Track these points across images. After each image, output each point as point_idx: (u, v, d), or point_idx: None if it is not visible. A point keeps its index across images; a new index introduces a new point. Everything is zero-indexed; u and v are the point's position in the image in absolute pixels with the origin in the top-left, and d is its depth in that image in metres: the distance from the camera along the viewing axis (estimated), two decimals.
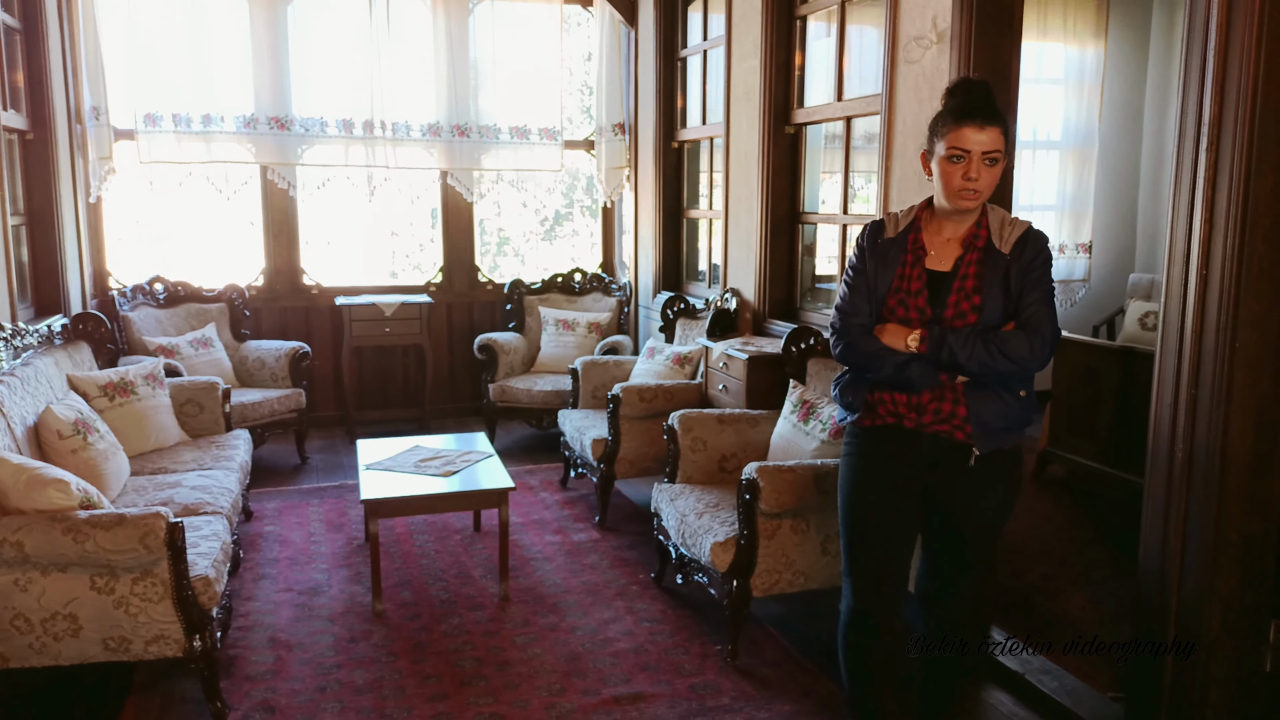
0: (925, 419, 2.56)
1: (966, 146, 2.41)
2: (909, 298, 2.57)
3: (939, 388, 2.54)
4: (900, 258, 2.60)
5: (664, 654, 3.62)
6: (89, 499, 3.09)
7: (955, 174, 2.45)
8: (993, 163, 2.43)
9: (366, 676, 3.45)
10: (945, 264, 2.57)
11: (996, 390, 2.53)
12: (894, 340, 2.55)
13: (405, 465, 4.35)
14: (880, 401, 2.61)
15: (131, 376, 4.64)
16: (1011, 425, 2.57)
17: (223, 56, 6.39)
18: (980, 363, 2.46)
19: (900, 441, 2.61)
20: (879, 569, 2.69)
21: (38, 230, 5.43)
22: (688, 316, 5.76)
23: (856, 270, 2.66)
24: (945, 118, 2.47)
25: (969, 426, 2.53)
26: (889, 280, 2.60)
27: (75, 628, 2.95)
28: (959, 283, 2.54)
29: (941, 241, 2.60)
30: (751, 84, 5.10)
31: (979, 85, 2.49)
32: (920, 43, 3.69)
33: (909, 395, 2.56)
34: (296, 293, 6.92)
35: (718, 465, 4.16)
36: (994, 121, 2.42)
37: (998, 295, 2.51)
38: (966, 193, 2.45)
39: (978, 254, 2.54)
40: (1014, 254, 2.51)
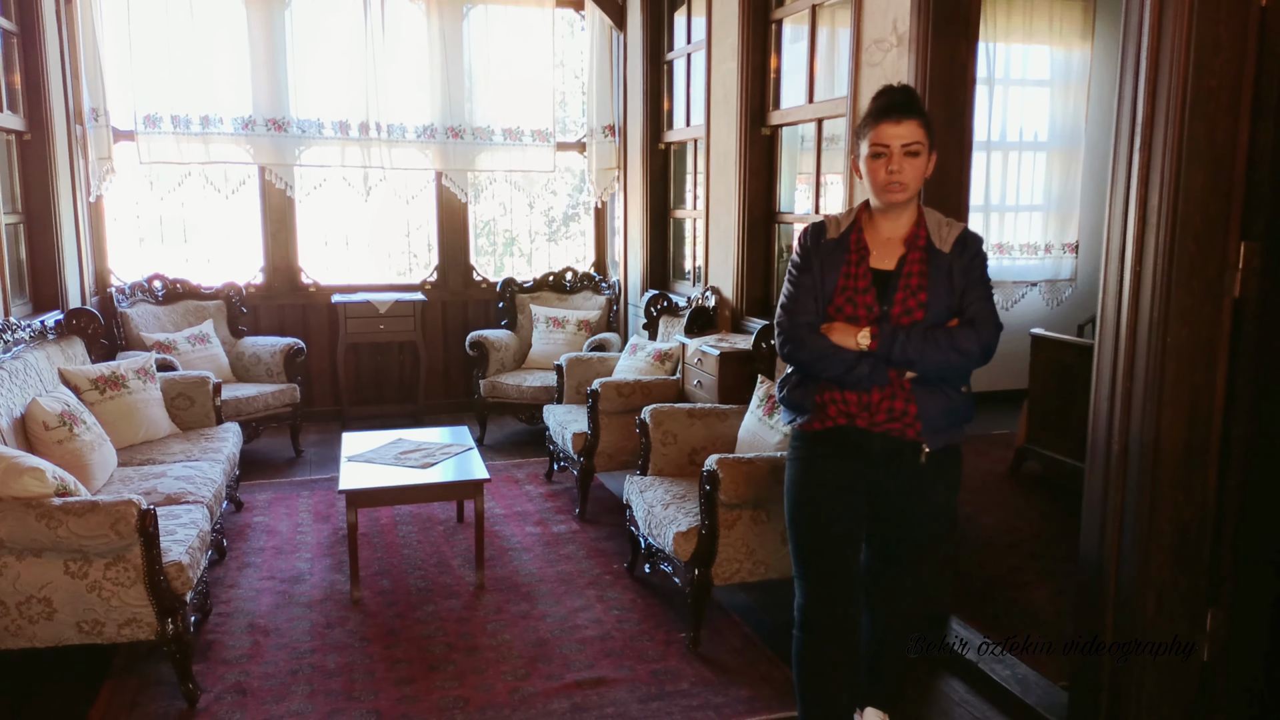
0: (879, 418, 2.58)
1: (885, 141, 2.48)
2: (857, 295, 2.60)
3: (888, 385, 2.57)
4: (844, 257, 2.63)
5: (629, 641, 3.71)
6: (65, 486, 3.21)
7: (879, 169, 2.51)
8: (914, 155, 2.49)
9: (339, 660, 3.55)
10: (889, 263, 2.61)
11: (941, 387, 2.58)
12: (843, 338, 2.56)
13: (386, 457, 4.46)
14: (831, 402, 2.62)
15: (123, 370, 4.77)
16: (956, 422, 2.63)
17: (221, 59, 6.54)
18: (933, 358, 2.51)
19: (850, 442, 2.63)
20: (833, 571, 2.70)
21: (36, 229, 5.57)
22: (670, 314, 5.85)
23: (801, 269, 2.68)
24: (866, 119, 2.56)
25: (919, 424, 2.56)
26: (835, 280, 2.63)
27: (50, 611, 3.07)
28: (904, 280, 2.58)
29: (881, 241, 2.64)
30: (730, 86, 5.19)
31: (900, 89, 2.57)
32: (881, 45, 3.77)
33: (859, 394, 2.59)
34: (294, 291, 7.05)
35: (688, 458, 4.25)
36: (910, 115, 2.49)
37: (942, 293, 2.56)
38: (893, 185, 2.50)
39: (919, 253, 2.58)
40: (955, 253, 2.57)
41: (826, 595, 2.71)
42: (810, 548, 2.71)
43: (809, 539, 2.71)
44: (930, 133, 2.54)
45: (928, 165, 2.54)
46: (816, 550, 2.70)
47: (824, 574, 2.71)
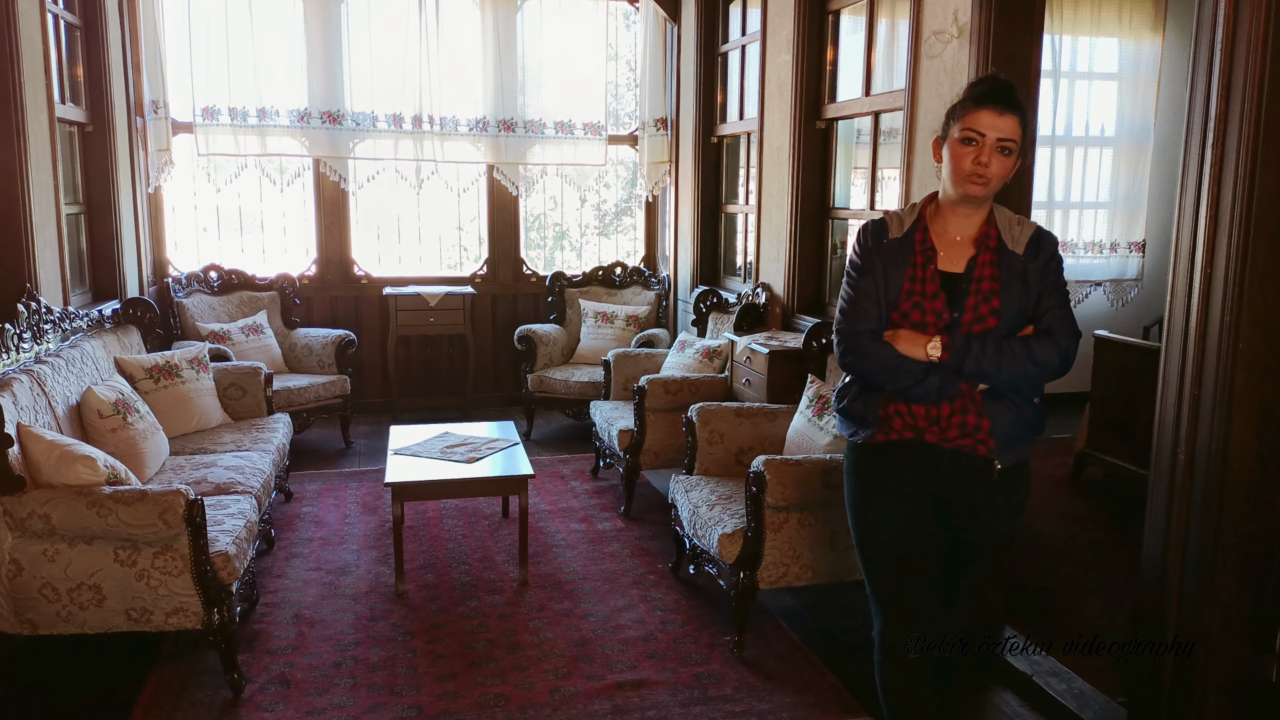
0: (950, 433, 2.42)
1: (982, 129, 2.30)
2: (925, 300, 2.41)
3: (959, 398, 2.40)
4: (909, 259, 2.44)
5: (672, 643, 3.66)
6: (116, 475, 3.24)
7: (967, 157, 2.32)
8: (1006, 152, 2.31)
9: (381, 654, 3.56)
10: (958, 265, 2.43)
11: (1013, 399, 2.42)
12: (910, 348, 2.37)
13: (432, 451, 4.46)
14: (896, 414, 2.45)
15: (177, 360, 4.83)
16: (1027, 436, 2.47)
17: (278, 52, 6.61)
18: (1009, 370, 2.34)
19: (916, 456, 2.47)
20: (912, 594, 2.52)
21: (96, 219, 5.67)
22: (720, 311, 5.78)
23: (861, 272, 2.48)
24: (965, 102, 2.36)
25: (992, 440, 2.40)
26: (900, 283, 2.44)
27: (99, 598, 3.10)
28: (975, 284, 2.40)
29: (950, 241, 2.44)
30: (784, 79, 5.10)
31: (1004, 80, 2.37)
32: (941, 37, 3.66)
33: (927, 407, 2.42)
34: (347, 282, 7.11)
35: (735, 458, 4.19)
36: (1013, 109, 2.31)
37: (1015, 298, 2.38)
38: (976, 178, 2.31)
39: (990, 254, 2.40)
40: (1028, 255, 2.39)
41: (905, 618, 2.53)
42: (880, 568, 2.54)
43: (877, 559, 2.54)
44: (1026, 134, 2.36)
45: (1013, 167, 2.36)
46: (888, 571, 2.53)
47: (899, 596, 2.53)
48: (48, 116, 4.71)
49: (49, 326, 4.11)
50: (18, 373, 3.63)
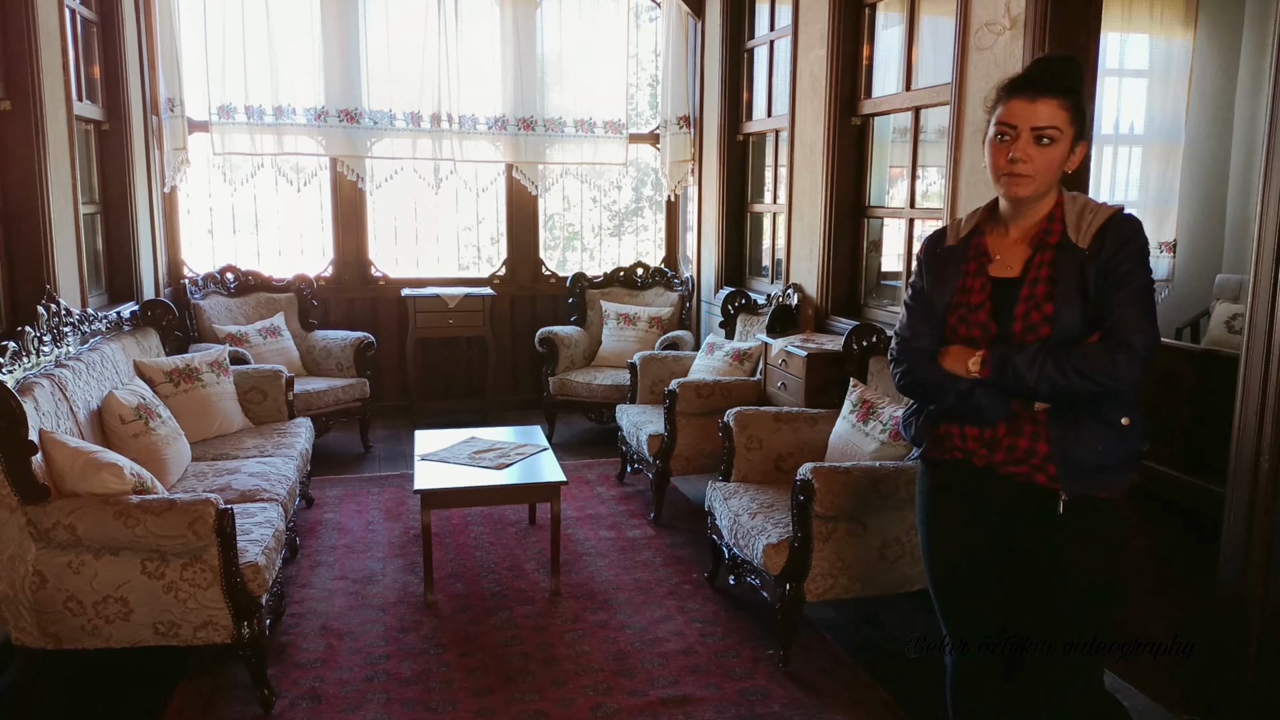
0: (998, 457, 2.19)
1: (1013, 121, 2.07)
2: (970, 313, 2.21)
3: (1015, 419, 2.16)
4: (961, 267, 2.25)
5: (714, 656, 3.54)
6: (142, 484, 3.13)
7: (1000, 154, 2.10)
8: (1046, 142, 2.06)
9: (414, 668, 3.44)
10: (1013, 269, 2.19)
11: (1086, 419, 2.11)
12: (955, 364, 2.19)
13: (460, 457, 4.34)
14: (948, 435, 2.26)
15: (197, 363, 4.72)
16: (1108, 462, 2.11)
17: (294, 50, 6.50)
18: (1052, 384, 2.06)
19: (969, 482, 2.26)
20: (973, 619, 2.36)
21: (113, 219, 5.56)
22: (749, 312, 5.66)
23: (915, 288, 2.34)
24: (998, 91, 2.15)
25: (1052, 466, 2.12)
26: (949, 295, 2.25)
27: (126, 611, 2.99)
28: (1028, 289, 2.15)
29: (1008, 244, 2.21)
30: (818, 74, 4.97)
31: (1052, 58, 2.16)
32: (992, 29, 3.54)
33: (981, 428, 2.20)
34: (364, 284, 7.00)
35: (774, 464, 4.07)
36: (1050, 93, 2.06)
37: (1074, 300, 2.10)
38: (1013, 178, 2.09)
39: (1050, 253, 2.14)
40: (1093, 248, 2.09)
41: (963, 641, 2.39)
42: (948, 595, 2.39)
43: (945, 586, 2.39)
44: (1077, 116, 2.10)
45: (1069, 155, 2.10)
46: (954, 598, 2.38)
47: (967, 622, 2.38)
48: (66, 114, 4.60)
49: (68, 329, 4.00)
50: (39, 377, 3.52)
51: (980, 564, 2.32)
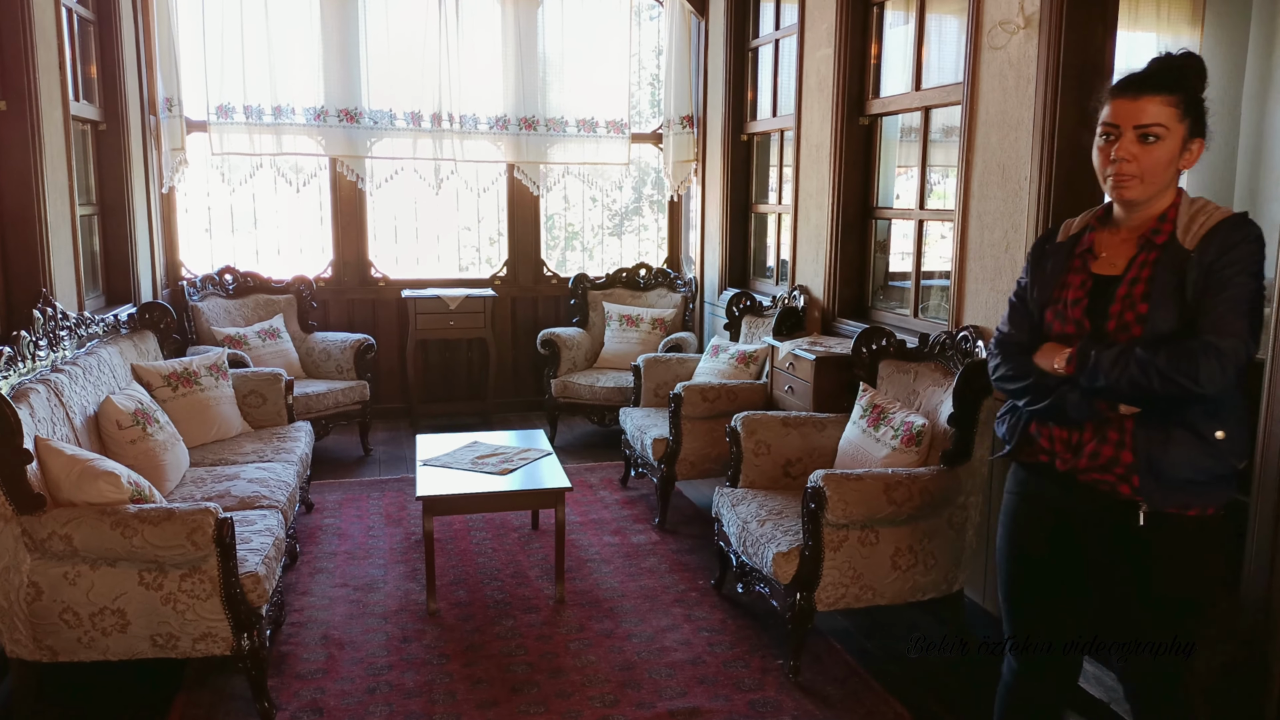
0: (1080, 463, 2.12)
1: (1116, 120, 2.02)
2: (1065, 309, 2.18)
3: (1101, 423, 2.10)
4: (1066, 264, 2.21)
5: (722, 666, 3.47)
6: (140, 492, 3.06)
7: (1104, 156, 2.06)
8: (1152, 140, 1.99)
9: (417, 679, 3.37)
10: (1116, 266, 2.13)
11: (1175, 429, 2.01)
12: (1044, 360, 2.15)
13: (462, 462, 4.28)
14: (1037, 436, 2.22)
15: (195, 367, 4.65)
16: (1198, 476, 2.02)
17: (294, 49, 6.42)
18: (1133, 383, 1.98)
19: (1051, 486, 2.21)
20: (1042, 622, 2.31)
21: (110, 220, 5.49)
22: (754, 314, 5.60)
23: (1020, 285, 2.32)
24: (1105, 93, 2.09)
25: (1136, 478, 2.05)
26: (1050, 291, 2.22)
27: (123, 623, 2.92)
28: (1126, 288, 2.08)
29: (1116, 242, 2.16)
30: (825, 74, 4.91)
31: (1167, 56, 2.06)
32: (1006, 28, 3.47)
33: (1068, 431, 2.15)
34: (364, 285, 6.93)
35: (782, 470, 4.00)
36: (1154, 90, 2.00)
37: (1170, 302, 2.02)
38: (1118, 179, 2.03)
39: (1155, 252, 2.06)
40: (1199, 250, 2.00)
41: (1034, 656, 2.33)
42: (1017, 601, 2.34)
43: (1015, 591, 2.34)
44: (1189, 113, 2.01)
45: (1182, 154, 2.03)
46: (1022, 604, 2.34)
47: (1032, 633, 2.32)
48: (62, 113, 4.53)
49: (65, 333, 3.93)
50: (34, 382, 3.45)
51: (1057, 569, 2.26)
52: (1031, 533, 2.29)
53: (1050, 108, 3.29)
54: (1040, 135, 3.34)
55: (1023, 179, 3.46)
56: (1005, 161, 3.55)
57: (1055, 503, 2.22)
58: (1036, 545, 2.28)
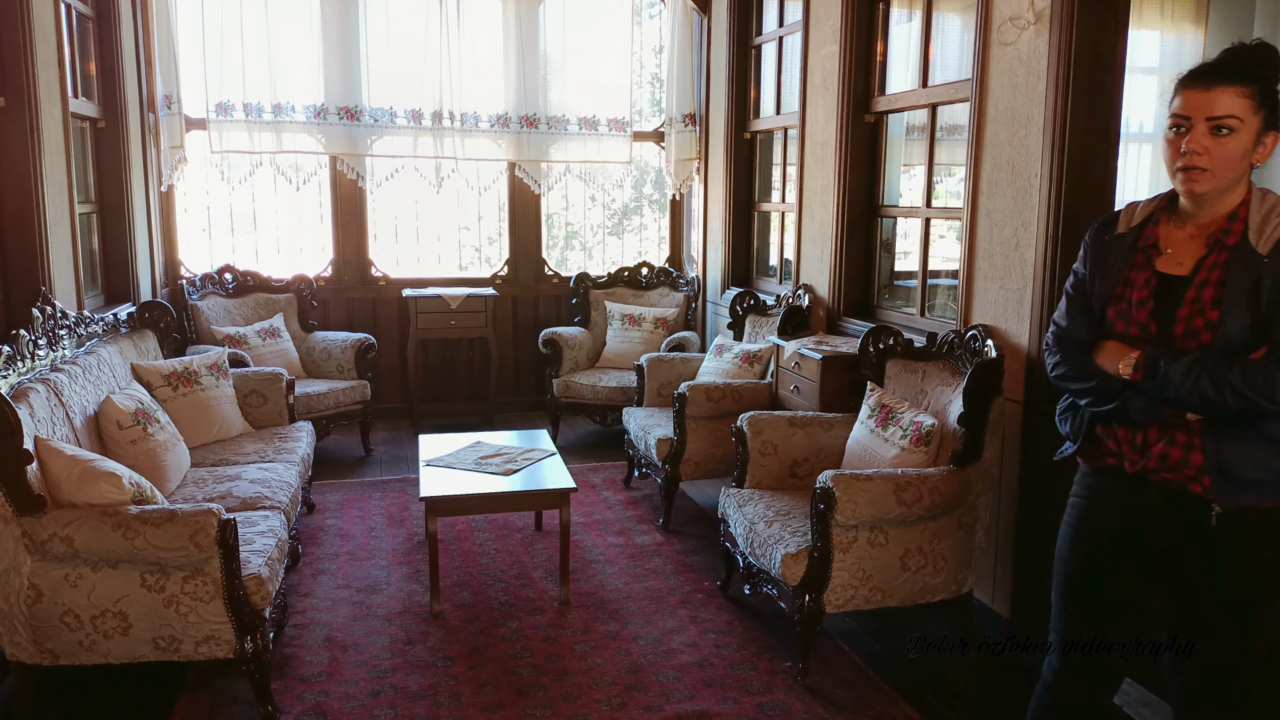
0: (1149, 464, 2.08)
1: (1187, 112, 1.96)
2: (1130, 309, 2.10)
3: (1167, 426, 2.05)
4: (1128, 258, 2.14)
5: (730, 669, 3.44)
6: (142, 493, 3.02)
7: (1174, 148, 2.00)
8: (1224, 132, 1.93)
9: (421, 682, 3.33)
10: (1183, 266, 2.07)
11: (1246, 432, 1.98)
12: (1108, 362, 2.10)
13: (466, 462, 4.24)
14: (1103, 437, 2.17)
15: (196, 366, 4.61)
16: (1268, 476, 1.99)
17: (294, 47, 6.38)
18: (1205, 398, 1.94)
19: (1123, 488, 2.16)
20: (1087, 635, 2.26)
21: (109, 219, 5.44)
22: (757, 313, 5.56)
23: (1078, 275, 2.24)
24: (1175, 84, 2.03)
25: (1207, 478, 2.02)
26: (1111, 286, 2.15)
27: (125, 626, 2.88)
28: (1195, 291, 2.02)
29: (1182, 238, 2.09)
30: (830, 71, 4.87)
31: (1241, 46, 2.00)
32: (1016, 23, 3.44)
33: (1132, 432, 2.10)
34: (364, 284, 6.89)
35: (789, 470, 3.97)
36: (1228, 81, 1.93)
37: (1243, 309, 1.96)
38: (1188, 173, 1.97)
39: (1226, 254, 2.01)
40: (1274, 255, 1.95)
41: (1079, 663, 2.29)
42: (1068, 603, 2.29)
43: (1068, 593, 2.29)
44: (1264, 104, 1.96)
45: (1256, 147, 1.97)
46: (1073, 608, 2.28)
47: (1080, 637, 2.27)
48: (61, 111, 4.49)
49: (64, 332, 3.89)
50: (34, 382, 3.41)
51: (1121, 570, 2.22)
52: (1100, 534, 2.23)
53: (1061, 104, 3.25)
54: (1051, 132, 3.30)
55: (1033, 176, 3.42)
56: (1015, 159, 3.52)
57: (1125, 503, 2.18)
58: (1103, 546, 2.23)
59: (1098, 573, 2.24)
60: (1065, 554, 2.30)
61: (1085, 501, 2.27)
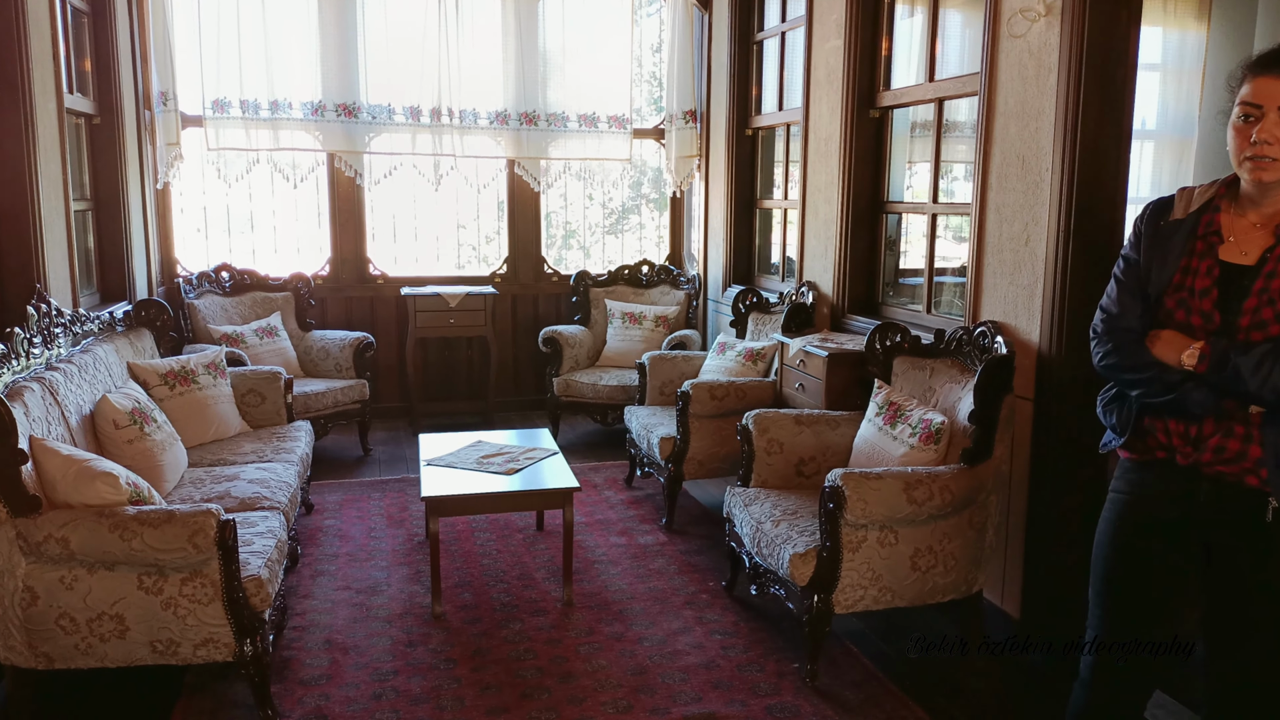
0: (1204, 456, 2.04)
1: (1258, 100, 1.91)
2: (1192, 298, 2.05)
3: (1225, 418, 2.01)
4: (1188, 245, 2.07)
5: (737, 670, 3.39)
6: (139, 493, 2.97)
7: (1244, 137, 1.95)
8: None
9: (424, 684, 3.28)
10: (1248, 256, 2.02)
11: None
12: (1167, 352, 2.04)
13: (467, 461, 4.19)
14: (1152, 430, 2.12)
15: (193, 365, 4.55)
16: None
17: (291, 43, 6.32)
18: (1276, 392, 1.91)
19: (1173, 481, 2.11)
20: (1127, 633, 2.20)
21: (104, 216, 5.38)
22: (760, 311, 5.52)
23: (1129, 260, 2.16)
24: (1243, 69, 1.99)
25: (1264, 470, 1.97)
26: (1169, 274, 2.08)
27: (122, 629, 2.82)
28: (1263, 282, 1.97)
29: (1245, 226, 2.04)
30: (834, 66, 4.82)
31: None
32: (1027, 15, 3.39)
33: (1186, 424, 2.06)
34: (362, 282, 6.83)
35: (795, 469, 3.92)
36: None
37: None
38: (1257, 162, 1.93)
39: None
40: None
41: (1116, 672, 2.24)
42: (1107, 604, 2.23)
43: (1106, 593, 2.24)
44: None
45: None
46: (1114, 611, 2.22)
47: (1122, 625, 2.22)
48: (56, 106, 4.43)
49: (59, 330, 3.82)
50: (29, 380, 3.35)
51: (1166, 567, 2.17)
52: (1144, 529, 2.18)
53: (1073, 97, 3.21)
54: (1062, 126, 3.26)
55: (1043, 170, 3.38)
56: (1025, 153, 3.47)
57: (1175, 496, 2.12)
58: (1147, 541, 2.17)
59: (1140, 569, 2.19)
60: (1105, 550, 2.24)
61: (1128, 497, 2.21)
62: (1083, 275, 3.27)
